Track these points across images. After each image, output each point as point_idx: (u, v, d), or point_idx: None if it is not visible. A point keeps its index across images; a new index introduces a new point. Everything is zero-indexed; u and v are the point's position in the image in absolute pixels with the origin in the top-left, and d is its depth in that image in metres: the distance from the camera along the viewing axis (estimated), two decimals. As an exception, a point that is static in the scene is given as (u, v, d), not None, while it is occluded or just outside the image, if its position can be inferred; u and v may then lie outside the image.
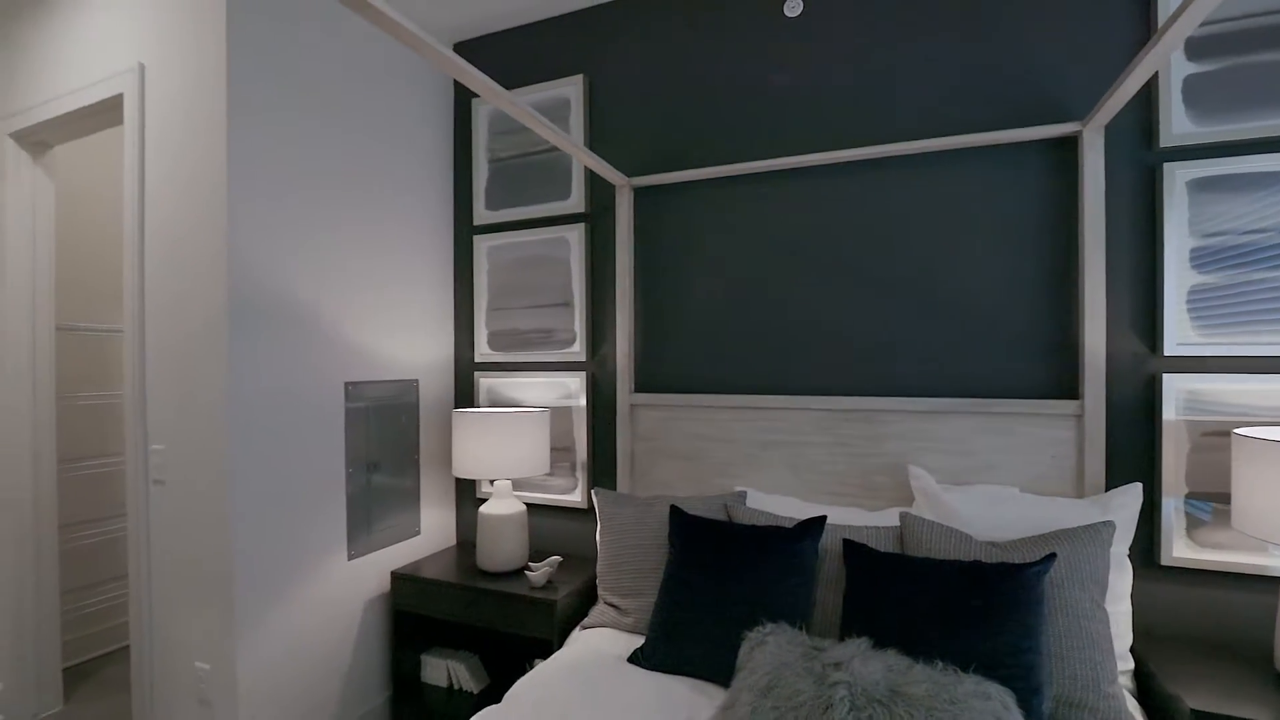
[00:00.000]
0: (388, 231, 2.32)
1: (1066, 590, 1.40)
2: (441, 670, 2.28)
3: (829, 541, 1.67)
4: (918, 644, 1.32)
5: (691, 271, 2.20)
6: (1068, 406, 1.72)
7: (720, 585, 1.58)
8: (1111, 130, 1.72)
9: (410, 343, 2.43)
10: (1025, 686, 1.23)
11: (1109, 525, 1.48)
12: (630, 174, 2.28)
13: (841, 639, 1.41)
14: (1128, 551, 1.58)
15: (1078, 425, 1.72)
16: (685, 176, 2.14)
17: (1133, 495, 1.60)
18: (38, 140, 2.30)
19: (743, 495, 1.92)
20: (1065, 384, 1.77)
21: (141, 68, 1.91)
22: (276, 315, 1.91)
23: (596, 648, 1.71)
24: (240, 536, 1.80)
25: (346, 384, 2.16)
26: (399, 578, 2.19)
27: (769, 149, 2.09)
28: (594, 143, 2.36)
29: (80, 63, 2.08)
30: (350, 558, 2.16)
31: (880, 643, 1.33)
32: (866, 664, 1.22)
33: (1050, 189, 1.78)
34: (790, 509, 1.89)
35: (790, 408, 2.01)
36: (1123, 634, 1.52)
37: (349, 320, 2.16)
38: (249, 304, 1.82)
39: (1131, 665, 1.54)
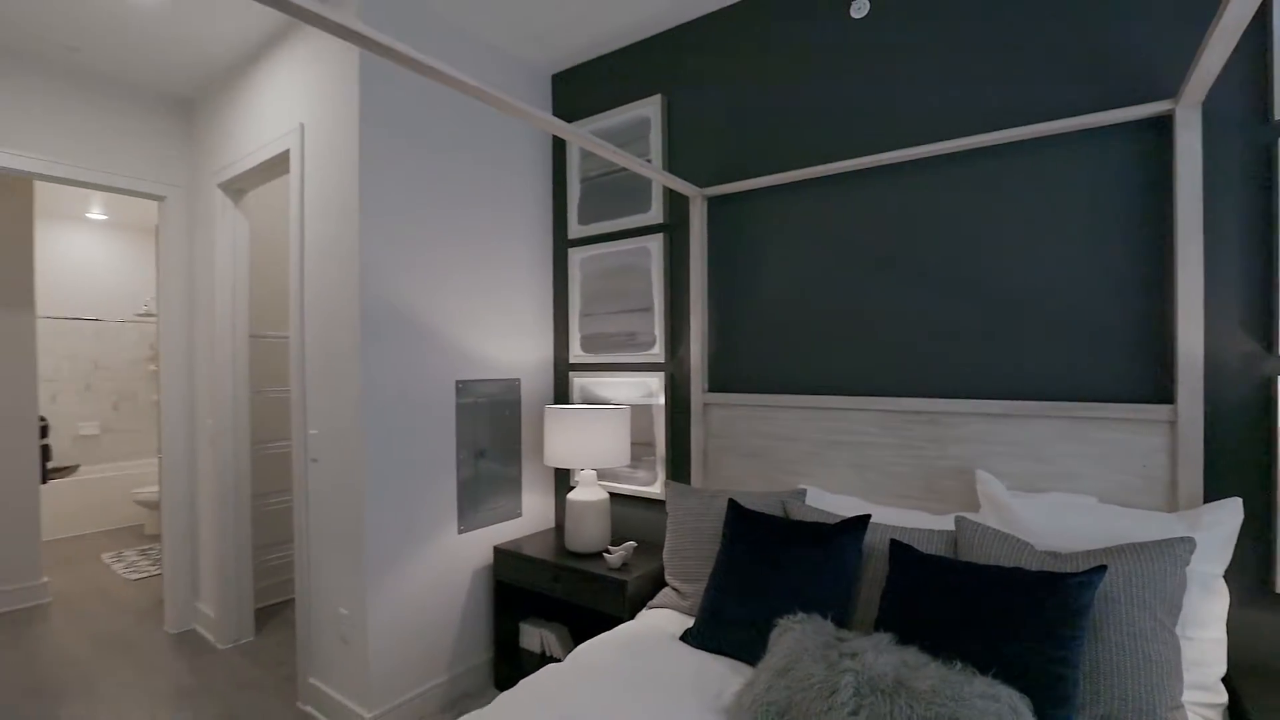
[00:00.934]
0: (495, 247, 2.64)
1: (1123, 607, 1.32)
2: (535, 638, 2.55)
3: (877, 540, 1.68)
4: (944, 644, 1.32)
5: (761, 275, 2.27)
6: (1159, 411, 1.58)
7: (762, 575, 1.67)
8: (1211, 107, 1.55)
9: (513, 346, 2.73)
10: (1049, 696, 1.19)
11: (1186, 542, 1.36)
12: (704, 184, 2.40)
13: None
14: (1222, 574, 1.44)
15: (1170, 432, 1.58)
16: (754, 185, 2.22)
17: (1230, 511, 1.44)
18: (237, 189, 2.91)
19: (802, 493, 1.97)
20: (1155, 387, 1.63)
21: (302, 127, 2.37)
22: (399, 323, 2.28)
23: (656, 625, 1.86)
24: (371, 507, 2.18)
25: (457, 382, 2.50)
26: (500, 551, 2.50)
27: (835, 152, 2.11)
28: (672, 156, 2.51)
29: (261, 127, 2.62)
30: (460, 531, 2.50)
31: (907, 640, 1.35)
32: (880, 656, 1.26)
33: (1138, 175, 1.64)
34: (850, 509, 1.91)
35: (854, 408, 2.02)
36: (1210, 663, 1.39)
37: (460, 326, 2.50)
38: (377, 314, 2.20)
39: (1224, 699, 1.40)
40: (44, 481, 4.60)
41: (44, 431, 4.52)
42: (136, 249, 5.77)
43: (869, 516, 1.66)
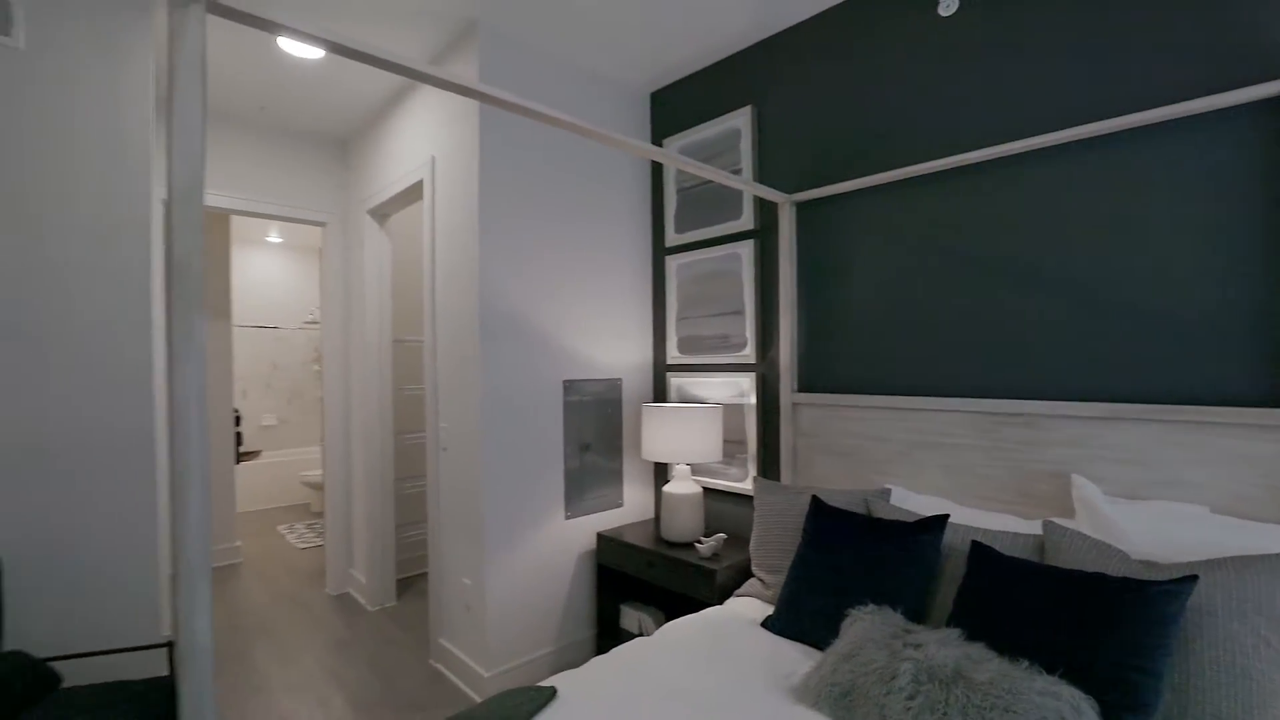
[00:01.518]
0: (598, 256, 2.87)
1: (1221, 620, 1.26)
2: (634, 620, 2.74)
3: (958, 541, 1.69)
4: (1015, 644, 1.33)
5: (850, 277, 2.31)
6: (1282, 417, 1.46)
7: (840, 568, 1.73)
8: (1348, 84, 1.42)
9: (615, 348, 2.95)
10: (1122, 702, 1.18)
11: (1301, 556, 1.27)
12: (793, 190, 2.47)
13: (946, 631, 1.47)
14: (1354, 594, 1.31)
15: (1298, 440, 1.45)
16: (841, 189, 2.26)
17: (1365, 527, 1.32)
18: (382, 214, 3.37)
19: (886, 492, 2.00)
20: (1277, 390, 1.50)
21: (433, 159, 2.73)
22: (513, 329, 2.56)
23: (739, 611, 1.97)
24: (489, 491, 2.47)
25: (564, 381, 2.75)
26: (602, 538, 2.72)
27: (924, 152, 2.11)
28: (761, 164, 2.59)
29: (400, 160, 3.03)
30: (567, 517, 2.75)
31: (976, 638, 1.37)
32: (943, 649, 1.30)
33: (1261, 159, 1.52)
34: (935, 510, 1.91)
35: (943, 409, 2.01)
36: (1338, 690, 1.28)
37: (567, 331, 2.75)
38: (494, 321, 2.49)
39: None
40: (237, 463, 5.49)
41: (237, 421, 5.41)
42: (305, 266, 6.69)
43: (947, 516, 1.67)
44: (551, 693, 1.47)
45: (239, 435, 5.43)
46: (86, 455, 2.12)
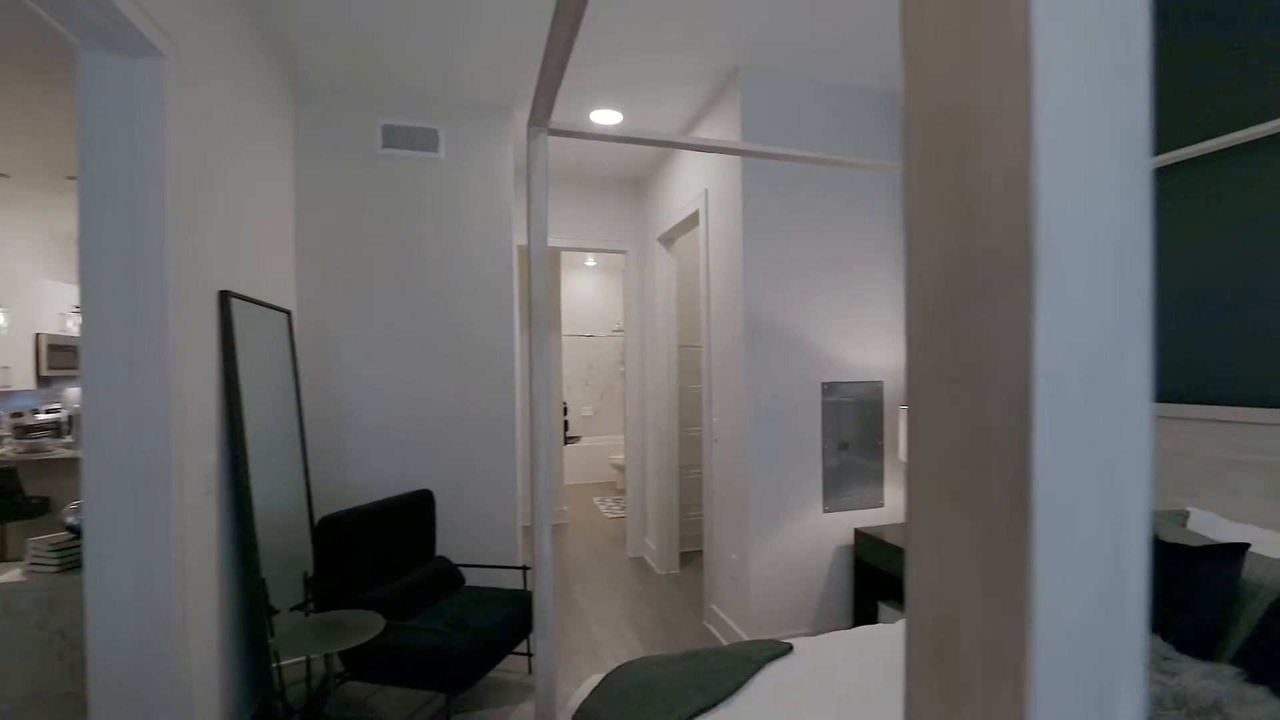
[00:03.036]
0: (856, 265, 3.00)
1: None
2: (891, 618, 2.79)
3: (1271, 577, 1.45)
4: (1315, 693, 1.16)
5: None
6: None
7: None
8: None
9: (875, 353, 3.03)
10: None
11: None
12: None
13: (1229, 669, 1.32)
14: None
15: None
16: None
17: None
18: (668, 239, 3.98)
19: (1183, 515, 1.76)
20: None
21: (706, 192, 3.19)
22: (773, 334, 2.86)
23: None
24: (753, 480, 2.81)
25: (823, 383, 2.95)
26: (860, 534, 2.84)
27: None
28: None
29: (681, 194, 3.56)
30: (825, 511, 2.94)
31: (1263, 682, 1.22)
32: (1205, 681, 1.21)
33: None
34: (1257, 544, 1.63)
35: (1273, 422, 1.69)
36: None
37: (824, 335, 2.94)
38: (757, 328, 2.83)
39: None
40: (564, 445, 6.85)
41: (565, 411, 6.75)
42: (612, 284, 7.95)
43: (1246, 546, 1.46)
44: (788, 648, 1.75)
45: (566, 423, 6.77)
46: (478, 431, 3.08)
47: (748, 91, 2.81)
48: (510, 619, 2.46)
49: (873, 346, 3.02)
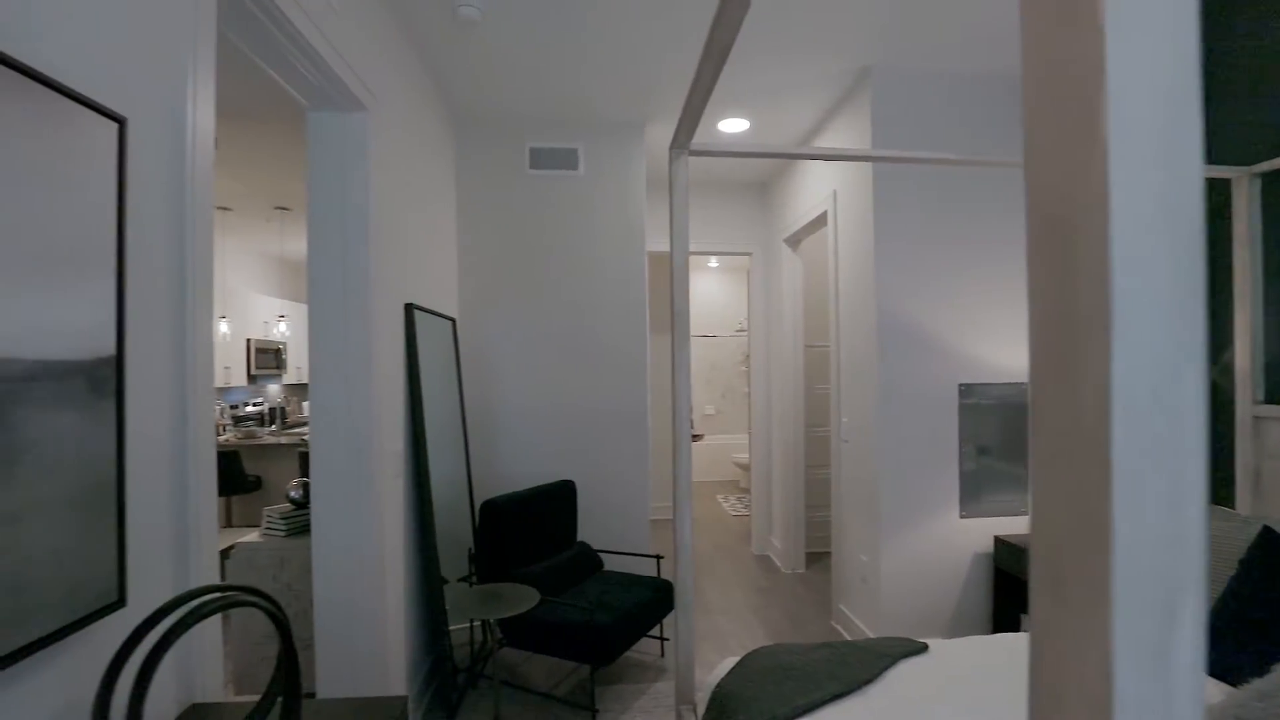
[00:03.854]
0: (994, 262, 2.87)
1: None
2: (1039, 632, 2.65)
3: None
4: None
5: (1353, 262, 1.82)
6: None
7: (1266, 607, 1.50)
8: None
9: (1017, 353, 2.88)
10: None
11: None
12: (1251, 161, 2.05)
13: None
14: None
15: None
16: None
17: None
18: (795, 240, 4.00)
19: (1398, 536, 1.56)
20: None
21: (834, 193, 3.19)
22: (907, 335, 2.81)
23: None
24: (883, 481, 2.80)
25: (960, 384, 2.86)
26: (1000, 541, 2.73)
27: None
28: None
29: (808, 196, 3.58)
30: (961, 516, 2.84)
31: None
32: None
33: None
34: None
35: None
36: None
37: (962, 336, 2.85)
38: (889, 328, 2.80)
39: None
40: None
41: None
42: (735, 284, 8.00)
43: None
44: (923, 646, 1.77)
45: (690, 421, 6.94)
46: (612, 426, 3.32)
47: (878, 90, 2.79)
48: (648, 602, 2.64)
49: (1014, 347, 2.88)
